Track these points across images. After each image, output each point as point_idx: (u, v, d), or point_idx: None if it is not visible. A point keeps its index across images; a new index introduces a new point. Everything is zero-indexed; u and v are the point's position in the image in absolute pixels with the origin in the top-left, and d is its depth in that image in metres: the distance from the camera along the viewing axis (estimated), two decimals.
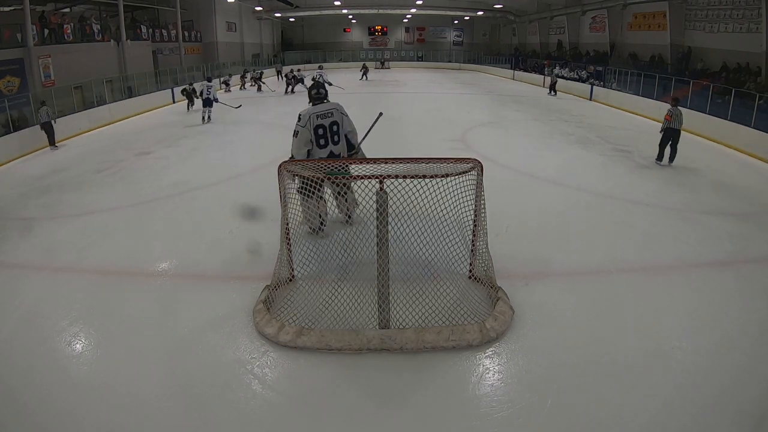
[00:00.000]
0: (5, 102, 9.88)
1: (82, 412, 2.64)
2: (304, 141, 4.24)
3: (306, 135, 4.21)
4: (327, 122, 4.20)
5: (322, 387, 2.82)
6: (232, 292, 3.80)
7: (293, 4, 28.35)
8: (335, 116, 4.26)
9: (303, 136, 4.22)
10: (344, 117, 4.35)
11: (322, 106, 4.32)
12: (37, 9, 14.24)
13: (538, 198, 6.10)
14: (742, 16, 12.90)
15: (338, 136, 4.27)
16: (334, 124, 4.23)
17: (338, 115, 4.28)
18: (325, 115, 4.22)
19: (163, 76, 17.13)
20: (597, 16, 20.43)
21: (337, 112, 4.30)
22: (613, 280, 4.07)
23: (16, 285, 4.06)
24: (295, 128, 4.28)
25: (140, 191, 6.55)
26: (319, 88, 4.46)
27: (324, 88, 4.50)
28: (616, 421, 2.56)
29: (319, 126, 4.19)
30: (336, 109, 4.31)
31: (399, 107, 12.38)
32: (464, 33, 35.14)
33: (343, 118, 4.33)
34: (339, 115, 4.30)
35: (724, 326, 3.41)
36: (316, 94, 4.42)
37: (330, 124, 4.21)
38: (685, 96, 11.84)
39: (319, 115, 4.21)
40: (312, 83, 4.51)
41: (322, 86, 4.51)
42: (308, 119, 4.21)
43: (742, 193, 6.50)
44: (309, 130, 4.20)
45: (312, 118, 4.20)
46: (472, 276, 3.83)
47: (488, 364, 2.99)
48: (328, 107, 4.31)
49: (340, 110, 4.32)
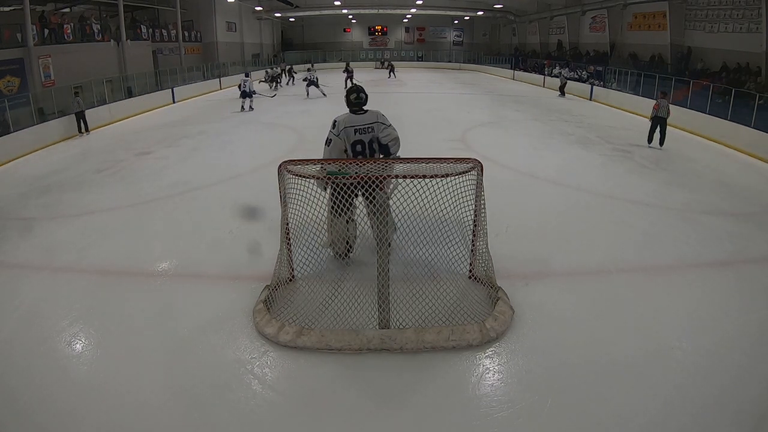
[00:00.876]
0: (5, 102, 9.87)
1: (82, 412, 2.64)
2: (338, 151, 3.80)
3: (340, 145, 3.77)
4: (366, 138, 3.73)
5: (322, 387, 2.82)
6: (232, 292, 3.79)
7: (293, 4, 28.36)
8: (376, 131, 3.76)
9: (336, 146, 3.77)
10: (384, 128, 3.83)
11: (362, 117, 3.79)
12: (37, 9, 14.24)
13: (538, 198, 6.10)
14: (742, 16, 12.91)
15: (377, 154, 3.83)
16: (374, 142, 3.75)
17: (379, 129, 3.78)
18: (364, 130, 3.72)
19: (163, 76, 17.13)
20: (597, 16, 20.43)
21: (379, 126, 3.79)
22: (613, 280, 4.07)
23: (16, 285, 4.06)
24: (328, 135, 3.81)
25: (140, 191, 6.55)
26: (359, 92, 3.84)
27: (364, 93, 3.87)
28: (616, 421, 2.56)
29: (358, 142, 3.74)
30: (377, 123, 3.79)
31: (399, 107, 12.38)
32: (464, 33, 35.14)
33: (382, 131, 3.82)
34: (379, 129, 3.80)
35: (724, 326, 3.41)
36: (355, 100, 3.84)
37: (369, 141, 3.74)
38: (685, 96, 11.85)
39: (357, 130, 3.72)
40: (350, 87, 3.96)
41: (362, 90, 3.89)
42: (343, 130, 3.75)
43: (742, 193, 6.50)
44: (344, 142, 3.76)
45: (348, 132, 3.73)
46: (472, 276, 3.83)
47: (488, 364, 2.99)
48: (368, 120, 3.78)
49: (381, 121, 3.80)
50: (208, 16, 23.53)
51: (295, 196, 3.46)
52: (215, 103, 15.93)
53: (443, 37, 35.34)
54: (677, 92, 12.26)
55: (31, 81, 12.66)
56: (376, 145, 3.76)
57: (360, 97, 3.86)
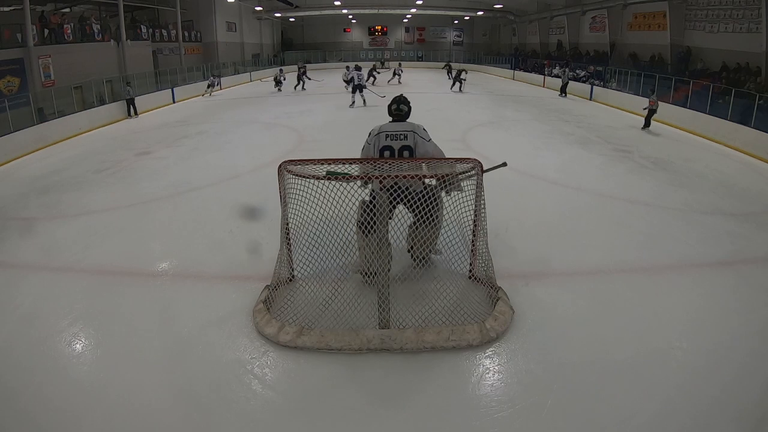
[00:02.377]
0: (5, 102, 9.87)
1: (82, 412, 2.64)
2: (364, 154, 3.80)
3: (369, 152, 3.70)
4: (397, 145, 3.60)
5: (322, 387, 2.82)
6: (232, 292, 3.79)
7: (293, 4, 28.36)
8: (409, 140, 3.61)
9: (367, 153, 3.72)
10: (422, 142, 3.65)
11: (397, 125, 3.71)
12: (37, 9, 14.23)
13: (538, 198, 6.10)
14: (742, 16, 12.90)
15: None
16: (405, 149, 3.59)
17: (413, 139, 3.62)
18: (396, 136, 3.61)
19: (163, 76, 17.12)
20: (597, 16, 20.42)
21: (413, 136, 3.63)
22: (613, 280, 4.07)
23: (16, 285, 4.06)
24: (364, 143, 3.78)
25: (140, 191, 6.55)
26: (400, 103, 3.78)
27: (406, 105, 3.80)
28: (616, 421, 2.56)
29: (386, 147, 3.61)
30: (413, 132, 3.64)
31: None
32: (464, 33, 35.14)
33: (418, 143, 3.64)
34: (414, 139, 3.63)
35: (724, 326, 3.41)
36: (395, 110, 3.79)
37: (400, 148, 3.59)
38: (685, 96, 11.86)
39: (389, 135, 3.62)
40: (394, 97, 3.87)
41: (404, 102, 3.81)
42: (375, 136, 3.68)
43: (742, 193, 6.50)
44: (374, 148, 3.66)
45: (380, 137, 3.66)
46: (472, 276, 3.83)
47: (488, 364, 2.99)
48: (404, 128, 3.67)
49: (418, 133, 3.65)
50: (208, 16, 23.52)
51: (295, 196, 3.46)
52: (215, 103, 15.93)
53: (443, 37, 35.33)
54: (677, 92, 12.27)
55: (31, 81, 12.65)
56: (407, 153, 3.63)
57: (401, 109, 3.79)
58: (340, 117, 12.26)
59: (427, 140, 3.68)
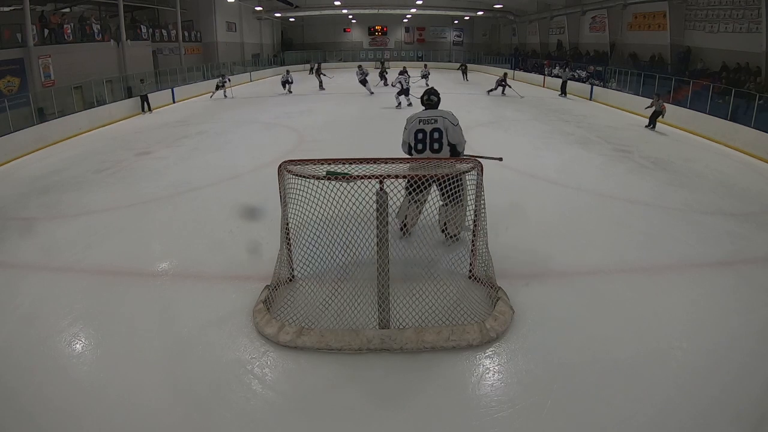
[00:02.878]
0: (5, 102, 9.87)
1: (82, 412, 2.64)
2: (402, 142, 4.34)
3: (405, 137, 4.27)
4: (428, 128, 4.11)
5: (322, 387, 2.82)
6: (232, 292, 3.80)
7: (293, 4, 28.37)
8: (439, 123, 4.11)
9: (403, 138, 4.32)
10: (452, 126, 4.16)
11: (429, 111, 4.21)
12: (37, 9, 14.24)
13: (538, 198, 6.10)
14: (742, 16, 12.90)
15: (438, 144, 4.12)
16: (435, 131, 4.11)
17: (443, 123, 4.12)
18: (428, 121, 4.13)
19: (163, 76, 17.13)
20: (597, 16, 20.43)
21: (443, 120, 4.13)
22: (613, 280, 4.07)
23: (16, 285, 4.06)
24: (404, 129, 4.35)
25: (140, 191, 6.55)
26: (430, 95, 4.32)
27: (436, 96, 4.33)
28: (616, 420, 2.56)
29: (420, 131, 4.13)
30: (442, 117, 4.15)
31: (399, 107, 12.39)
32: (464, 33, 35.15)
33: (448, 128, 4.15)
34: (444, 123, 4.13)
35: (724, 326, 3.41)
36: (427, 101, 4.33)
37: (431, 130, 4.11)
38: (685, 96, 11.86)
39: (422, 120, 4.14)
40: (426, 89, 4.40)
41: (434, 93, 4.34)
42: (411, 122, 4.20)
43: (742, 193, 6.50)
44: (410, 133, 4.18)
45: (414, 122, 4.17)
46: (472, 276, 3.83)
47: (488, 364, 2.99)
48: (435, 114, 4.18)
49: (448, 119, 4.15)
50: (208, 16, 23.53)
51: (295, 196, 3.46)
52: (215, 103, 15.93)
53: (443, 37, 35.35)
54: (677, 92, 12.27)
55: (31, 81, 12.66)
56: (437, 135, 4.08)
57: (431, 99, 4.32)
58: (340, 117, 12.26)
59: (455, 124, 4.17)
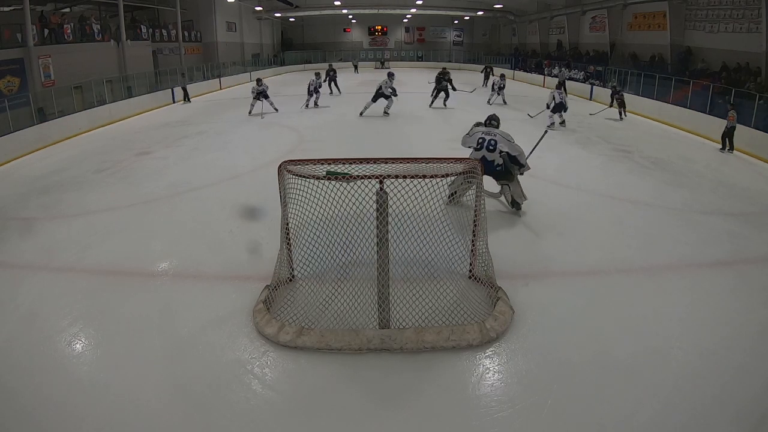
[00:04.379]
0: (5, 102, 9.87)
1: (82, 412, 2.65)
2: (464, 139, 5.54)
3: (466, 141, 5.49)
4: (487, 138, 5.30)
5: (322, 387, 2.83)
6: (232, 292, 3.80)
7: (293, 4, 28.34)
8: (496, 137, 5.27)
9: (466, 140, 5.49)
10: (505, 141, 5.25)
11: (490, 129, 5.39)
12: (37, 9, 14.22)
13: (538, 198, 6.09)
14: (742, 16, 12.89)
15: (493, 147, 5.24)
16: (492, 141, 5.27)
17: (499, 137, 5.26)
18: (488, 133, 5.34)
19: (163, 76, 17.12)
20: (597, 16, 20.40)
21: (500, 137, 5.28)
22: (613, 280, 4.07)
23: (16, 285, 4.06)
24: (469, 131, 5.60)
25: (140, 191, 6.55)
26: (491, 120, 5.53)
27: (497, 121, 5.55)
28: (616, 420, 2.56)
29: (481, 138, 5.32)
30: (500, 134, 5.31)
31: (399, 106, 12.37)
32: (464, 33, 35.09)
33: (501, 141, 5.25)
34: (499, 138, 5.26)
35: (724, 326, 3.41)
36: (488, 123, 5.52)
37: (489, 139, 5.28)
38: (685, 96, 11.85)
39: (484, 132, 5.36)
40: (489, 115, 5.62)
41: (495, 119, 5.56)
42: (475, 131, 5.45)
43: (742, 193, 6.50)
44: (473, 139, 5.38)
45: (477, 132, 5.41)
46: (472, 276, 3.83)
47: (488, 364, 2.99)
48: (495, 131, 5.34)
49: (504, 136, 5.29)
50: (208, 16, 23.50)
51: (295, 196, 3.46)
52: (215, 103, 15.92)
53: (443, 37, 35.30)
54: (677, 92, 12.26)
55: (31, 81, 12.64)
56: (493, 143, 5.24)
57: (492, 123, 5.51)
58: (340, 117, 12.26)
59: (512, 142, 5.28)
